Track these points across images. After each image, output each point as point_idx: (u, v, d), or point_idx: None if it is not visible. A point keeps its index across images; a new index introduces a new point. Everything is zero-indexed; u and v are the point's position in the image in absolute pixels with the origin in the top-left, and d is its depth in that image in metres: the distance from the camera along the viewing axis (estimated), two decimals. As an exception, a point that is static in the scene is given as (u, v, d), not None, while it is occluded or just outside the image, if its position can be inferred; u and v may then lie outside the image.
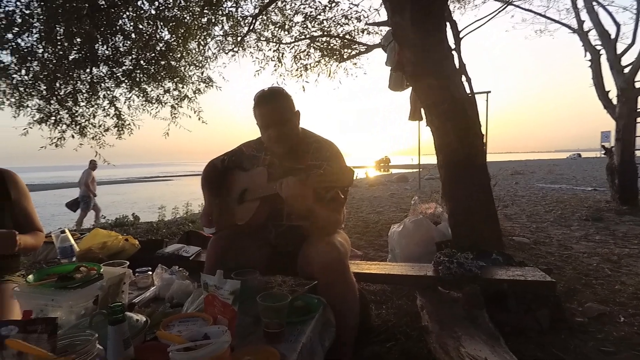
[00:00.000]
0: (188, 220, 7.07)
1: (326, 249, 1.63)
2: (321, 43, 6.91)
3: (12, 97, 5.20)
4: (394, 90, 5.08)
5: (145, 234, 5.66)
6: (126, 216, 7.55)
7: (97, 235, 2.54)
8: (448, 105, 2.95)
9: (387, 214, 6.87)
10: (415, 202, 3.85)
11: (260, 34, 6.76)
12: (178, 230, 5.83)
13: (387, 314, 2.50)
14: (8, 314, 1.48)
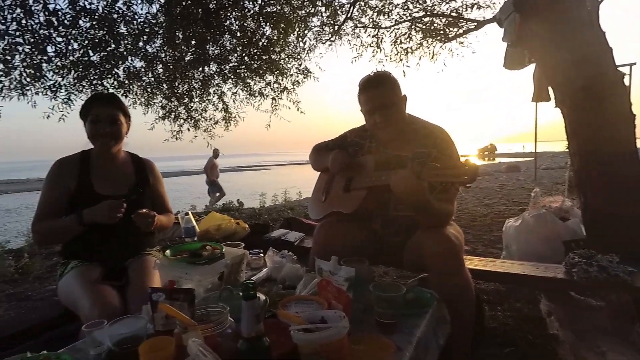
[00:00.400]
0: (287, 207, 7.43)
1: (439, 241, 1.57)
2: (423, 24, 6.52)
3: (142, 97, 5.99)
4: (511, 69, 4.47)
5: (249, 218, 6.09)
6: (232, 202, 8.23)
7: (213, 218, 2.84)
8: (585, 81, 2.46)
9: (496, 207, 6.33)
10: (536, 194, 3.47)
11: (358, 21, 6.67)
12: (278, 216, 6.18)
13: (503, 316, 2.32)
14: (151, 281, 1.73)
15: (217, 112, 6.62)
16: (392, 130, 1.81)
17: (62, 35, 4.34)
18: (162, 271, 1.58)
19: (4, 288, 3.37)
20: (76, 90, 4.84)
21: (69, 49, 4.46)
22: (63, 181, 1.79)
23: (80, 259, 1.79)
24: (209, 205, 10.04)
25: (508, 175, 12.92)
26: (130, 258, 1.89)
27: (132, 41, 4.91)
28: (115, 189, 1.86)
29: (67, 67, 4.60)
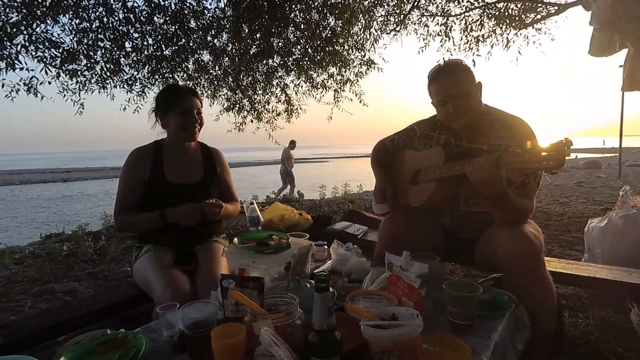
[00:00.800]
0: (347, 199, 7.41)
1: (517, 240, 1.46)
2: (497, 10, 6.11)
3: (209, 89, 6.23)
4: (597, 56, 4.10)
5: (309, 210, 6.15)
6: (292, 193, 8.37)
7: (277, 208, 2.87)
8: None
9: (574, 205, 5.91)
10: (625, 193, 3.14)
11: (425, 9, 6.42)
12: (338, 208, 6.18)
13: (585, 324, 2.15)
14: (218, 267, 1.77)
15: (280, 104, 6.76)
16: (465, 120, 1.69)
17: (139, 31, 4.63)
18: (230, 258, 1.60)
19: (84, 267, 3.66)
20: (149, 83, 5.17)
21: (144, 44, 4.76)
22: (138, 170, 1.88)
23: (153, 243, 1.87)
24: (276, 194, 10.47)
25: (587, 171, 11.98)
26: (199, 244, 1.94)
27: (201, 35, 5.11)
28: (186, 177, 1.93)
29: (142, 62, 4.91)
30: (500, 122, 1.71)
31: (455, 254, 1.86)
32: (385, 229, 1.84)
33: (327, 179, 13.39)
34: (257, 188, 15.47)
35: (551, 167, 1.24)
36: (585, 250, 2.99)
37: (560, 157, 1.20)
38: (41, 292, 3.05)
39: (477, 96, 1.71)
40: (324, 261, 1.92)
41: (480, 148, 1.69)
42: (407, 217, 1.81)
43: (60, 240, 4.79)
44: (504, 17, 6.10)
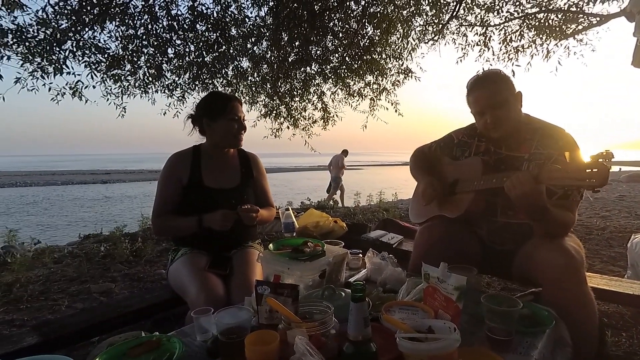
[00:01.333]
0: (382, 208, 7.32)
1: (557, 254, 1.42)
2: (537, 20, 6.01)
3: (247, 95, 6.35)
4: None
5: (343, 218, 6.11)
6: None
7: (311, 215, 2.84)
8: None
9: (615, 219, 5.75)
10: None
11: (464, 19, 6.36)
12: (373, 217, 6.11)
13: (629, 344, 2.07)
14: (253, 273, 1.77)
15: (316, 112, 6.79)
16: (503, 131, 1.67)
17: (181, 38, 4.80)
18: (264, 264, 1.60)
19: (120, 268, 3.75)
20: (189, 89, 5.33)
21: (186, 51, 4.93)
22: (177, 174, 1.92)
23: (189, 246, 1.90)
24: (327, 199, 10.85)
25: (629, 185, 11.74)
26: (234, 249, 1.95)
27: (241, 43, 5.24)
28: (223, 182, 1.95)
29: (184, 68, 5.08)
30: (542, 131, 1.68)
31: (492, 267, 1.81)
32: (422, 239, 1.80)
33: (361, 187, 13.33)
34: (293, 194, 15.60)
35: (594, 185, 1.20)
36: (628, 267, 2.90)
37: (603, 175, 1.17)
38: (78, 291, 3.14)
39: (517, 106, 1.69)
40: (359, 270, 1.89)
41: (521, 156, 1.67)
42: (444, 227, 1.77)
43: (98, 241, 4.94)
44: (544, 28, 5.98)
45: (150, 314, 1.88)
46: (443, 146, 2.02)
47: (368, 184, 12.68)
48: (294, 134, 6.87)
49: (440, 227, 1.79)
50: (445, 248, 1.66)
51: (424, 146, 2.12)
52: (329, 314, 1.06)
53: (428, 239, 1.78)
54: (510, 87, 1.67)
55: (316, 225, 2.71)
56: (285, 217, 2.36)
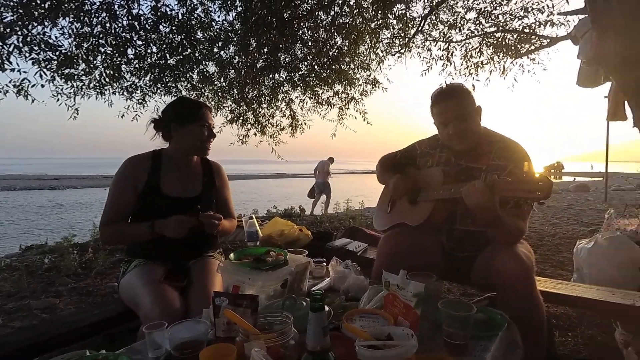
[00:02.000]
0: (349, 216, 7.35)
1: (510, 260, 1.50)
2: (495, 39, 6.38)
3: (212, 100, 6.22)
4: (584, 87, 4.44)
5: (310, 226, 6.09)
6: (293, 207, 8.28)
7: (276, 223, 2.81)
8: None
9: (564, 227, 6.09)
10: (610, 215, 3.35)
11: (428, 34, 6.61)
12: (340, 225, 6.12)
13: (574, 343, 2.20)
14: (213, 284, 1.71)
15: (284, 119, 6.76)
16: (465, 142, 1.76)
17: (143, 38, 4.57)
18: (224, 275, 1.54)
19: (67, 282, 3.49)
20: (151, 92, 5.10)
21: (147, 52, 4.70)
22: (132, 180, 1.81)
23: (143, 257, 1.80)
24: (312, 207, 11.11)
25: (576, 194, 12.46)
26: (193, 259, 1.87)
27: (207, 47, 5.11)
28: (183, 190, 1.87)
29: (145, 69, 4.83)
30: (499, 144, 1.78)
31: (453, 273, 1.88)
32: (385, 247, 1.82)
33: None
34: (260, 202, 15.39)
35: (539, 197, 1.32)
36: (574, 271, 3.09)
37: (548, 189, 1.29)
38: (16, 308, 2.87)
39: (477, 119, 1.78)
40: (322, 279, 1.86)
41: (479, 167, 1.75)
42: (406, 235, 1.80)
43: (42, 252, 4.56)
44: (501, 46, 6.37)
45: (99, 330, 1.73)
46: (407, 156, 2.08)
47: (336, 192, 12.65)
48: (262, 141, 6.79)
49: (402, 235, 1.81)
50: (407, 255, 1.69)
51: (389, 154, 2.17)
52: (288, 325, 1.04)
53: (390, 246, 1.79)
54: (471, 100, 1.76)
55: (281, 233, 2.67)
56: (248, 225, 2.31)
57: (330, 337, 1.07)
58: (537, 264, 3.66)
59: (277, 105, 6.54)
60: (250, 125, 6.57)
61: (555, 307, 2.58)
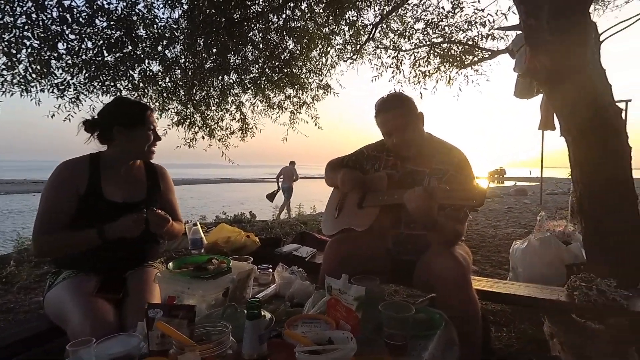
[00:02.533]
0: (300, 221, 7.32)
1: (448, 262, 1.57)
2: (441, 49, 6.68)
3: (157, 101, 5.90)
4: (520, 98, 4.80)
5: (260, 231, 5.99)
6: (244, 213, 8.10)
7: (222, 230, 2.71)
8: (589, 113, 2.65)
9: (504, 228, 6.47)
10: (541, 218, 3.56)
11: (379, 42, 6.78)
12: (291, 230, 6.07)
13: (508, 337, 2.33)
14: (151, 295, 1.60)
15: (234, 122, 6.59)
16: (409, 149, 1.84)
17: (76, 32, 4.21)
18: (162, 285, 1.46)
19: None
20: (86, 90, 4.72)
21: (82, 48, 4.33)
22: (70, 185, 1.65)
23: (73, 268, 1.65)
24: (280, 211, 11.38)
25: (516, 198, 13.25)
26: (131, 269, 1.75)
27: (150, 44, 4.83)
28: (127, 195, 1.75)
29: (79, 66, 4.46)
30: (442, 149, 1.86)
31: (399, 276, 1.93)
32: (331, 252, 1.82)
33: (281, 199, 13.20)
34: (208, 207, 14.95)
35: (474, 205, 1.43)
36: (510, 270, 3.30)
37: (481, 198, 1.38)
38: None
39: (419, 126, 1.85)
40: (268, 285, 1.82)
41: (423, 171, 1.83)
42: (352, 239, 1.82)
43: None
44: (447, 57, 6.67)
45: (20, 351, 1.57)
46: (355, 160, 2.10)
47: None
48: (210, 144, 6.55)
49: (348, 240, 1.83)
50: (353, 260, 1.72)
51: (337, 158, 2.19)
52: (225, 334, 0.99)
53: (336, 252, 1.80)
54: (413, 109, 1.82)
55: (227, 240, 2.58)
56: (192, 232, 2.20)
57: (273, 344, 1.05)
58: (478, 264, 3.87)
59: (227, 108, 6.36)
60: (197, 128, 6.32)
61: (492, 305, 2.71)
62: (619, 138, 2.67)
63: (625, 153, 2.70)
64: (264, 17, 5.39)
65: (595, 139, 2.67)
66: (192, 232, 2.19)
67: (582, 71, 2.66)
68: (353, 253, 1.77)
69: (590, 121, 2.66)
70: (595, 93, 2.67)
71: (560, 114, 2.91)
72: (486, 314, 2.45)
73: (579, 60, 2.65)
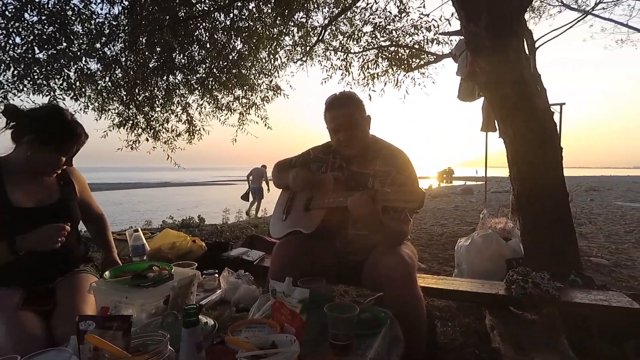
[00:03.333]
0: (251, 224, 7.19)
1: (393, 261, 1.59)
2: (389, 53, 6.87)
3: (96, 101, 5.60)
4: (463, 100, 5.01)
5: (209, 236, 5.81)
6: (192, 217, 7.84)
7: (167, 235, 2.61)
8: (525, 115, 2.83)
9: (451, 226, 6.66)
10: (484, 215, 3.69)
11: (329, 44, 6.86)
12: (241, 233, 5.94)
13: (453, 332, 2.38)
14: (84, 304, 1.49)
15: (180, 124, 6.38)
16: (356, 148, 1.86)
17: (2, 27, 3.92)
18: (97, 296, 1.37)
19: None
20: (15, 89, 4.39)
21: (9, 43, 4.03)
22: None
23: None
24: (252, 213, 11.71)
25: (463, 197, 13.75)
26: (60, 277, 1.63)
27: (88, 41, 4.57)
28: (38, 199, 1.62)
29: (6, 63, 4.15)
30: (386, 151, 1.89)
31: (347, 276, 1.94)
32: (278, 255, 1.81)
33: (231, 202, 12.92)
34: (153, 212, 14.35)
35: (414, 207, 1.48)
36: (455, 266, 3.39)
37: (421, 199, 1.41)
38: None
39: (366, 128, 1.89)
40: (214, 291, 1.78)
41: (367, 173, 1.86)
42: (299, 242, 1.81)
43: None
44: (394, 60, 6.89)
45: None
46: (302, 162, 2.10)
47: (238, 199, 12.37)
48: (155, 147, 6.29)
49: (295, 242, 1.82)
50: (300, 262, 1.71)
51: (285, 160, 2.19)
52: (163, 344, 0.95)
53: (282, 254, 1.79)
54: (362, 110, 1.85)
55: (172, 246, 2.49)
56: (133, 239, 2.11)
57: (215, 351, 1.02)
58: (426, 262, 3.99)
59: (172, 109, 6.15)
60: (141, 130, 6.03)
61: (439, 301, 2.78)
62: (552, 139, 2.86)
63: (557, 153, 2.89)
64: (210, 16, 5.27)
65: (530, 140, 2.84)
66: (133, 239, 2.10)
67: (518, 75, 2.82)
68: (300, 255, 1.76)
69: (525, 123, 2.83)
70: (531, 96, 2.84)
71: (498, 116, 3.08)
72: (432, 310, 2.55)
73: (516, 65, 2.82)
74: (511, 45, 2.81)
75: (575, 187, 15.58)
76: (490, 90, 3.03)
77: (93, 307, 1.47)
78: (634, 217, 7.36)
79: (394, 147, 1.94)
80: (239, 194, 12.59)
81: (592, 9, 8.98)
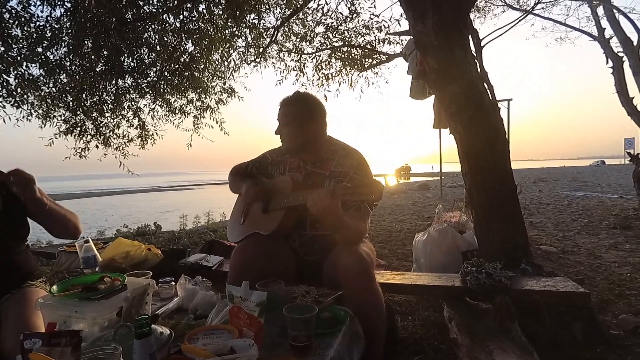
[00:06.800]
0: (210, 229, 7.05)
1: (352, 259, 1.61)
2: (342, 53, 7.00)
3: (39, 108, 5.31)
4: (415, 99, 5.14)
5: (167, 243, 5.66)
6: (148, 225, 7.60)
7: (120, 244, 2.53)
8: (473, 112, 2.93)
9: (409, 222, 6.79)
10: (439, 210, 3.81)
11: (282, 45, 6.88)
12: (200, 239, 5.82)
13: (413, 325, 2.44)
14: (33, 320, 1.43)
15: (132, 129, 6.16)
16: (311, 149, 1.89)
17: None
18: (45, 312, 1.33)
19: None
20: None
21: None
22: None
23: None
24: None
25: (420, 193, 14.06)
26: (6, 294, 1.56)
27: (28, 46, 4.33)
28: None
29: None
30: (341, 152, 1.92)
31: (307, 277, 1.95)
32: (237, 258, 1.79)
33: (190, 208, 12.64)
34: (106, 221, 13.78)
35: (374, 199, 1.52)
36: (414, 261, 3.46)
37: (379, 191, 1.46)
38: None
39: (320, 129, 1.90)
40: (171, 299, 1.75)
41: (323, 173, 1.87)
42: (258, 244, 1.81)
43: None
44: (348, 60, 7.03)
45: None
46: (259, 165, 2.11)
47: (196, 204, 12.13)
48: (106, 154, 6.03)
49: (254, 244, 1.81)
50: (258, 265, 1.70)
51: (241, 164, 2.17)
52: (115, 356, 0.94)
53: (240, 258, 1.78)
54: (314, 110, 1.86)
55: (126, 255, 2.42)
56: (84, 250, 2.04)
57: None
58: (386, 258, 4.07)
59: (123, 114, 5.93)
60: (90, 137, 5.78)
61: (398, 296, 2.85)
62: (498, 134, 2.99)
63: (505, 148, 3.01)
64: (159, 18, 5.13)
65: (479, 135, 2.95)
66: (84, 250, 2.03)
67: (466, 73, 2.92)
68: (259, 257, 1.75)
69: (474, 119, 2.93)
70: (478, 94, 2.95)
71: (448, 113, 3.16)
72: (392, 305, 2.59)
73: (462, 63, 2.92)
74: (458, 44, 2.91)
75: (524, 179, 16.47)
76: (439, 88, 3.11)
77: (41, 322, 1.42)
78: (579, 206, 7.81)
79: (349, 147, 1.96)
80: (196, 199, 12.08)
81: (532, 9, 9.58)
